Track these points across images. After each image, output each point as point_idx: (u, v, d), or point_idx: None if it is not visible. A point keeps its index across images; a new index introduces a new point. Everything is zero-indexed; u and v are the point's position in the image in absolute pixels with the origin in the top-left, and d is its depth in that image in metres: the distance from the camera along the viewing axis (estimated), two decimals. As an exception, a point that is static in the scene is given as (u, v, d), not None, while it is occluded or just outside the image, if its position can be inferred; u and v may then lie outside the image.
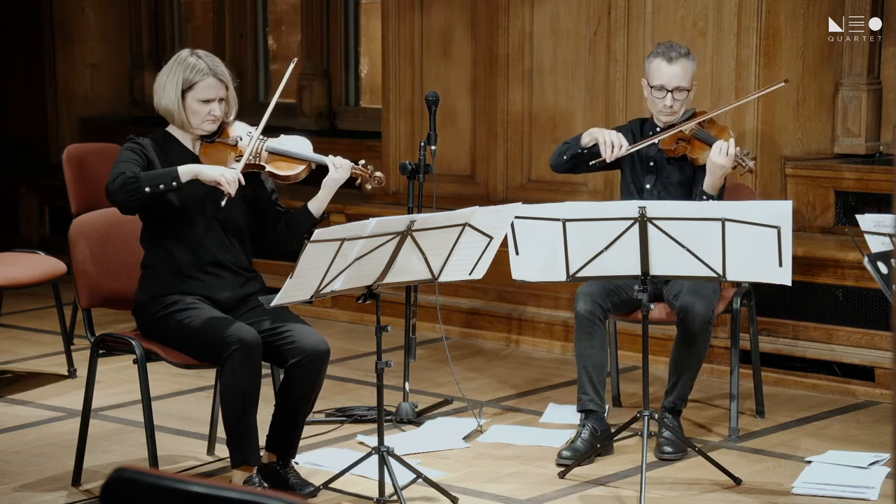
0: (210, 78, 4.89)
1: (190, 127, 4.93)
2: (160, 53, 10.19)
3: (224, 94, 4.94)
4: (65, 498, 5.01)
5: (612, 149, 5.55)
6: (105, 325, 6.62)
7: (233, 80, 5.02)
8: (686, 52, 5.63)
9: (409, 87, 7.86)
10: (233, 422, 4.75)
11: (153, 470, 2.27)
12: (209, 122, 4.93)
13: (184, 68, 4.90)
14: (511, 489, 5.08)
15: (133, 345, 4.90)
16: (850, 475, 5.13)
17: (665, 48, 5.62)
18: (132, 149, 4.88)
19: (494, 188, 7.60)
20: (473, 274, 4.89)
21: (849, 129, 6.87)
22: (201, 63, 4.90)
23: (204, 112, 4.90)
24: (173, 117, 4.93)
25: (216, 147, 4.97)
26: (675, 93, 5.57)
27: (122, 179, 4.70)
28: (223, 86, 4.93)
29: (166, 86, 4.91)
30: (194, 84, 4.88)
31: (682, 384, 5.45)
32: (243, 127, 5.05)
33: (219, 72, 4.92)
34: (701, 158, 5.52)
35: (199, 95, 4.89)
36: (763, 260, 4.79)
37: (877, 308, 6.27)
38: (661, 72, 5.58)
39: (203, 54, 4.96)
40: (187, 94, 4.88)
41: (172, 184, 4.71)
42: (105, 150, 7.29)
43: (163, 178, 4.72)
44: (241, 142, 4.98)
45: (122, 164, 4.81)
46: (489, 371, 6.78)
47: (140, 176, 4.71)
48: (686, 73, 5.58)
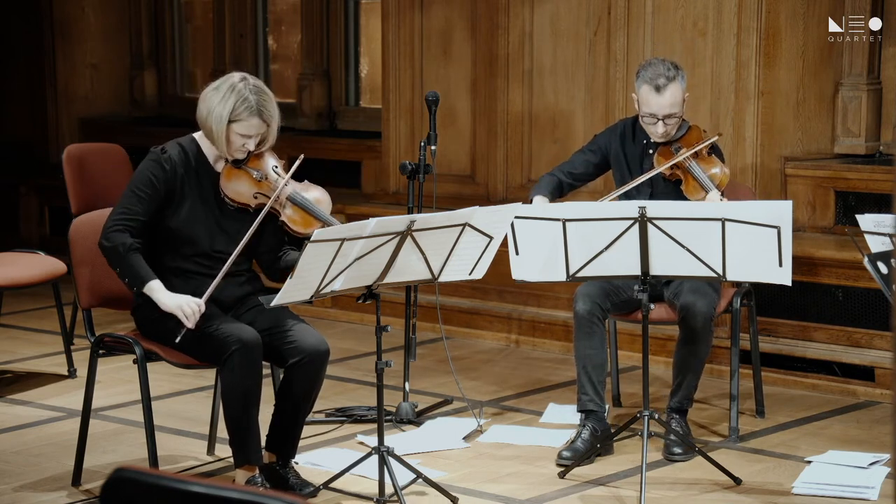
0: (255, 119, 4.86)
1: (222, 152, 4.91)
2: (160, 53, 10.20)
3: (264, 131, 4.92)
4: (65, 498, 5.01)
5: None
6: (105, 325, 6.62)
7: (280, 117, 4.98)
8: (673, 74, 5.48)
9: (409, 87, 7.86)
10: (234, 422, 4.75)
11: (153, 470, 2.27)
12: (239, 153, 4.92)
13: (235, 98, 4.84)
14: (511, 489, 5.08)
15: (133, 345, 4.90)
16: (850, 475, 5.13)
17: (652, 74, 5.48)
18: (152, 176, 4.85)
19: (494, 188, 7.60)
20: (473, 274, 4.89)
21: (849, 129, 6.86)
22: (252, 100, 4.85)
23: (238, 144, 4.89)
24: (213, 139, 4.90)
25: (239, 174, 4.94)
26: (666, 119, 5.53)
27: (113, 247, 4.79)
28: (265, 125, 4.91)
29: (215, 109, 4.85)
30: (239, 119, 4.86)
31: (686, 384, 5.45)
32: (270, 161, 4.99)
33: (264, 112, 4.87)
34: (693, 197, 5.45)
35: (240, 130, 4.86)
36: (763, 260, 4.79)
37: (877, 308, 6.27)
38: (649, 102, 5.49)
39: (254, 88, 4.89)
40: (230, 125, 4.86)
41: (133, 288, 4.83)
42: (105, 150, 7.30)
43: (133, 278, 4.80)
44: (265, 180, 4.95)
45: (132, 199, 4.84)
46: (489, 371, 6.78)
47: (124, 258, 4.78)
48: (676, 99, 5.48)
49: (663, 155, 5.54)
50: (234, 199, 4.92)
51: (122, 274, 4.82)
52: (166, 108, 10.13)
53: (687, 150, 5.48)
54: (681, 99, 5.51)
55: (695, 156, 5.48)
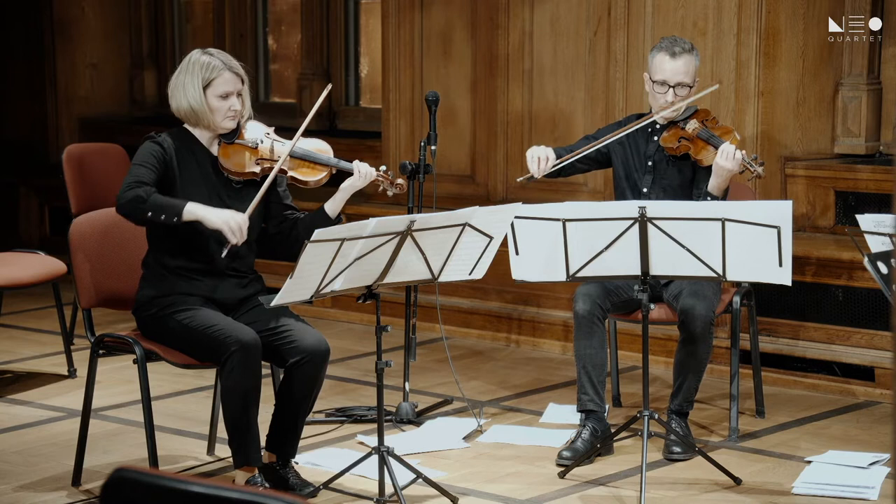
0: (227, 73, 4.88)
1: (213, 125, 4.91)
2: (160, 53, 10.20)
3: (241, 87, 4.93)
4: (65, 498, 5.01)
5: (538, 163, 5.51)
6: (105, 325, 6.62)
7: (246, 73, 5.01)
8: (690, 47, 5.58)
9: (409, 87, 7.86)
10: (234, 423, 4.75)
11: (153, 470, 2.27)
12: (230, 119, 4.91)
13: (200, 67, 4.88)
14: (511, 489, 5.08)
15: (133, 345, 4.90)
16: (850, 475, 5.13)
17: (669, 42, 5.57)
18: (153, 152, 4.85)
19: (494, 188, 7.60)
20: (473, 274, 4.89)
21: (849, 129, 6.87)
22: (216, 60, 4.90)
23: (224, 108, 4.89)
24: (198, 117, 4.90)
25: (235, 148, 4.95)
26: (677, 88, 5.54)
27: (133, 196, 4.70)
28: (239, 79, 4.92)
29: (186, 87, 4.88)
30: (212, 81, 4.87)
31: (687, 386, 5.44)
32: (260, 128, 5.02)
33: (233, 66, 4.92)
34: (705, 160, 5.47)
35: (218, 91, 4.87)
36: (763, 260, 4.79)
37: (877, 308, 6.27)
38: (663, 67, 5.54)
39: (215, 52, 4.96)
40: (207, 91, 4.87)
41: (173, 219, 4.72)
42: (105, 150, 7.30)
43: (167, 210, 4.71)
44: (261, 145, 4.96)
45: (139, 169, 4.79)
46: (489, 371, 6.78)
47: (149, 200, 4.70)
48: (689, 68, 5.54)
49: (670, 133, 5.56)
50: (237, 172, 4.92)
51: (154, 215, 4.70)
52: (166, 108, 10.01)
53: (695, 120, 5.53)
54: (693, 72, 5.55)
55: (702, 125, 5.53)
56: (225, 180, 4.94)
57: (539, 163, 5.49)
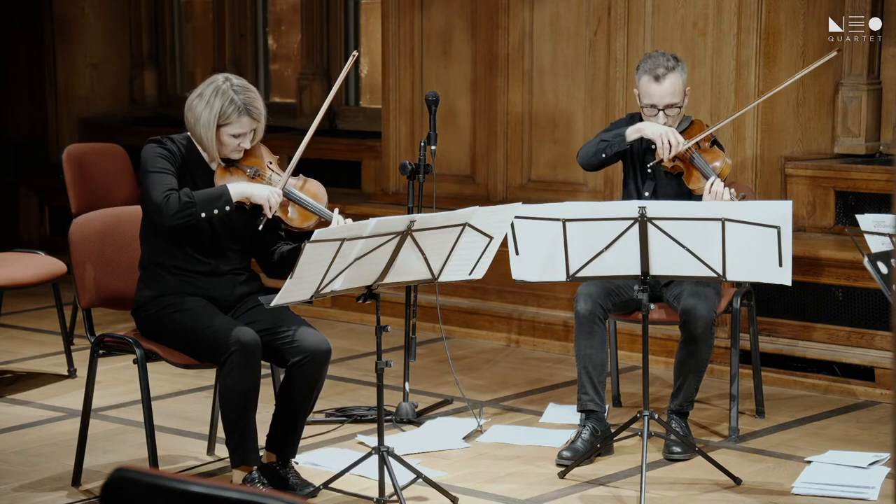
0: (245, 118, 4.85)
1: (217, 155, 4.91)
2: (160, 53, 10.20)
3: (256, 126, 4.92)
4: (65, 498, 5.01)
5: (670, 148, 5.44)
6: (105, 325, 6.62)
7: (266, 114, 4.97)
8: (673, 64, 5.50)
9: (409, 87, 7.86)
10: (232, 422, 4.75)
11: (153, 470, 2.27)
12: (235, 153, 4.92)
13: (221, 101, 4.83)
14: (511, 489, 5.08)
15: (133, 345, 4.90)
16: (850, 475, 5.13)
17: (651, 65, 5.50)
18: (163, 156, 4.83)
19: (494, 188, 7.60)
20: (473, 274, 4.89)
21: (849, 129, 6.86)
22: (238, 100, 4.83)
23: (234, 145, 4.88)
24: (203, 145, 4.90)
25: (233, 172, 4.94)
26: (667, 110, 5.53)
27: (181, 203, 4.70)
28: (256, 122, 4.91)
29: (202, 116, 4.84)
30: (229, 121, 4.85)
31: (687, 386, 5.44)
32: (263, 156, 5.00)
33: (252, 110, 4.87)
34: (696, 189, 5.45)
35: (232, 131, 4.86)
36: (763, 260, 4.79)
37: (877, 308, 6.27)
38: (649, 92, 5.50)
39: (239, 87, 4.87)
40: (221, 128, 4.85)
41: (226, 208, 4.75)
42: (105, 150, 7.30)
43: (216, 201, 4.73)
44: (258, 177, 4.94)
45: (162, 177, 4.76)
46: (489, 371, 6.78)
47: (195, 200, 4.71)
48: (676, 88, 5.49)
49: None
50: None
51: (207, 212, 4.72)
52: (166, 108, 10.12)
53: (688, 140, 5.48)
54: (681, 89, 5.51)
55: (697, 147, 5.49)
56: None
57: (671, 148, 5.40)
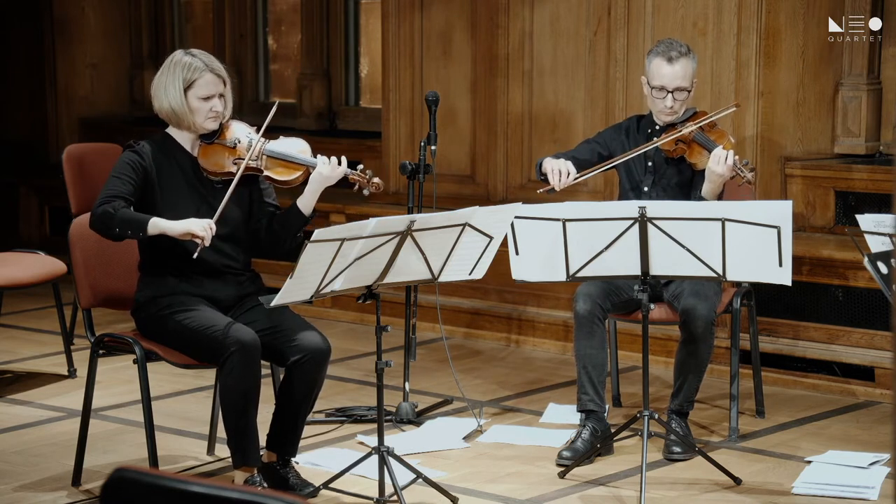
0: (208, 74, 4.90)
1: (194, 126, 4.92)
2: (160, 53, 10.19)
3: (223, 89, 4.94)
4: (65, 498, 5.01)
5: (559, 177, 5.52)
6: (105, 325, 6.62)
7: (229, 76, 5.02)
8: (686, 50, 5.58)
9: (409, 87, 7.86)
10: (233, 423, 4.75)
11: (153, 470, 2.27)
12: (211, 120, 4.92)
13: (181, 68, 4.90)
14: (511, 489, 5.08)
15: (133, 345, 4.90)
16: (850, 475, 5.13)
17: (665, 47, 5.58)
18: (130, 162, 4.86)
19: (494, 188, 7.60)
20: (473, 274, 4.89)
21: (849, 129, 6.86)
22: (197, 61, 4.91)
23: (206, 109, 4.90)
24: (179, 118, 4.92)
25: (214, 148, 4.97)
26: (675, 93, 5.55)
27: (102, 212, 4.73)
28: (221, 81, 4.93)
29: (168, 88, 4.91)
30: (194, 82, 4.89)
31: (687, 386, 5.44)
32: (243, 128, 5.03)
33: (215, 68, 4.93)
34: (699, 163, 5.49)
35: (199, 93, 4.89)
36: (763, 260, 4.79)
37: (877, 308, 6.27)
38: (661, 72, 5.55)
39: (198, 52, 4.97)
40: (188, 92, 4.89)
41: (139, 234, 4.74)
42: (105, 150, 7.28)
43: (133, 225, 4.72)
44: (239, 144, 4.97)
45: (114, 181, 4.81)
46: (489, 371, 6.78)
47: (116, 215, 4.71)
48: (687, 72, 5.55)
49: (668, 135, 5.56)
50: (215, 172, 4.94)
51: (121, 231, 4.73)
52: (166, 109, 10.11)
53: (693, 123, 5.52)
54: (691, 75, 5.55)
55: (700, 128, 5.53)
56: (206, 181, 4.94)
57: (560, 176, 5.50)
